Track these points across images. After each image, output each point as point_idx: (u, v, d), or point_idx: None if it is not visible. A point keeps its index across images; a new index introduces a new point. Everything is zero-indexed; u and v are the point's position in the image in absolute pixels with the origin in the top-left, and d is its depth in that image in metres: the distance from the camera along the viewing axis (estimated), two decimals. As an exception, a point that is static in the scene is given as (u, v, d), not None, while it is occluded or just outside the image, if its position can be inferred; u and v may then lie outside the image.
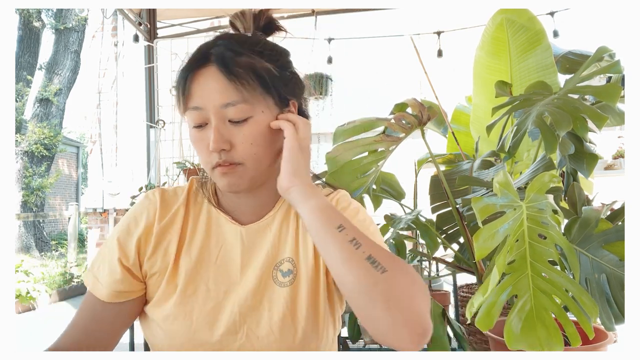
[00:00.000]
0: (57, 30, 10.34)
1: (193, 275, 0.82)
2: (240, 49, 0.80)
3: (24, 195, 9.41)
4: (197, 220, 0.87)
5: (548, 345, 0.91)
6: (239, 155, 0.78)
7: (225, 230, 0.85)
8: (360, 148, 1.61)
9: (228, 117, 0.77)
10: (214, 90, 0.77)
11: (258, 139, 0.79)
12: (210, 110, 0.77)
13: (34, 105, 10.10)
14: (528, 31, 1.99)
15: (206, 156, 0.79)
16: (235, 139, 0.78)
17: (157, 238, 0.84)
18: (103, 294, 0.81)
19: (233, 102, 0.77)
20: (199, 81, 0.78)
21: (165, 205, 0.86)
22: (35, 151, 9.50)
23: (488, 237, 0.98)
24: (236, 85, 0.77)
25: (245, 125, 0.78)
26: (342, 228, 0.71)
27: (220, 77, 0.77)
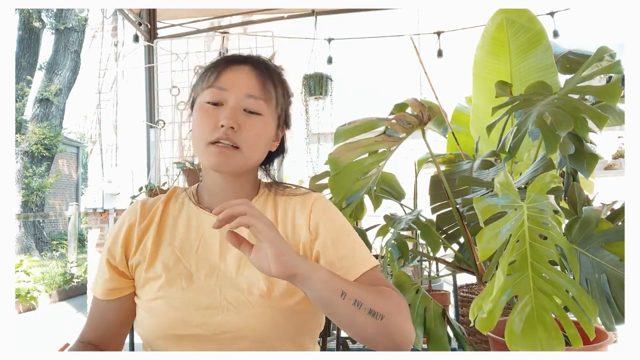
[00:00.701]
0: (57, 30, 10.34)
1: (175, 263, 0.91)
2: (272, 66, 0.97)
3: (24, 195, 9.41)
4: (177, 217, 0.97)
5: (549, 346, 0.91)
6: (242, 138, 0.88)
7: (205, 224, 0.94)
8: (362, 149, 1.61)
9: (245, 105, 0.89)
10: (245, 81, 0.90)
11: (261, 133, 0.91)
12: (233, 93, 0.89)
13: (34, 106, 10.10)
14: (528, 31, 1.98)
15: (210, 131, 0.87)
16: (244, 124, 0.88)
17: (139, 237, 0.95)
18: (99, 292, 0.94)
19: (256, 95, 0.90)
20: (231, 71, 0.91)
21: (144, 210, 0.97)
22: (35, 151, 9.51)
23: (491, 238, 0.98)
24: (263, 85, 0.91)
25: (255, 118, 0.90)
26: (344, 294, 0.77)
27: (253, 74, 0.91)
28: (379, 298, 0.81)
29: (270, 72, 0.94)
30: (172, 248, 0.92)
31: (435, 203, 1.90)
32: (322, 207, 0.95)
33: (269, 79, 0.92)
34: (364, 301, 0.78)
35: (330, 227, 0.93)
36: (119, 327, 0.95)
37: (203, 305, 0.86)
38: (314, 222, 0.93)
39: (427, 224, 1.74)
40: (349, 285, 0.79)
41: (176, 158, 3.32)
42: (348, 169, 1.62)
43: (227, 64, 0.92)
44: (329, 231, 0.92)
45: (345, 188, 1.65)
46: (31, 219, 8.99)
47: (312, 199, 0.96)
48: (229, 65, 0.91)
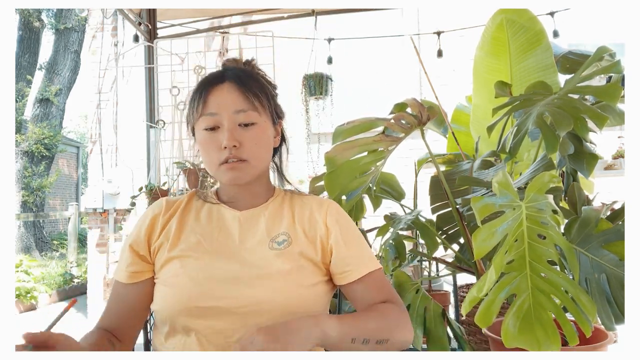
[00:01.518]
0: (57, 30, 10.34)
1: (197, 246, 0.98)
2: (248, 72, 1.03)
3: (24, 195, 9.41)
4: (199, 212, 1.05)
5: (545, 343, 0.91)
6: (246, 152, 0.97)
7: (225, 216, 1.04)
8: (359, 148, 1.61)
9: (239, 121, 0.97)
10: (229, 100, 0.98)
11: (261, 141, 0.99)
12: (224, 115, 0.97)
13: (34, 105, 10.10)
14: (528, 31, 1.98)
15: (216, 154, 0.97)
16: (244, 139, 0.97)
17: (163, 224, 1.02)
18: (122, 276, 1.00)
19: (244, 109, 0.98)
20: (215, 93, 0.99)
21: (169, 203, 1.06)
22: (35, 151, 9.51)
23: (487, 237, 0.98)
24: (247, 96, 0.98)
25: (251, 129, 0.98)
26: (354, 340, 0.87)
27: (234, 89, 0.98)
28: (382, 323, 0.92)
29: (249, 79, 1.01)
30: (194, 233, 1.00)
31: (435, 203, 1.90)
32: (336, 210, 1.05)
33: (250, 88, 0.99)
34: (370, 336, 0.89)
35: (343, 227, 1.02)
36: (139, 312, 1.01)
37: (224, 279, 0.93)
38: (329, 220, 1.02)
39: (426, 224, 1.74)
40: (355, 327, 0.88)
41: (176, 158, 3.32)
42: (344, 167, 1.61)
43: (207, 88, 0.99)
44: (341, 230, 1.02)
45: (341, 186, 1.64)
46: (31, 219, 8.99)
47: (327, 203, 1.06)
48: (210, 89, 0.99)
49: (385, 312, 0.94)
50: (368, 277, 0.99)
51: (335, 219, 1.03)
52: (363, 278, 0.99)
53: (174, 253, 0.98)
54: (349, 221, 1.06)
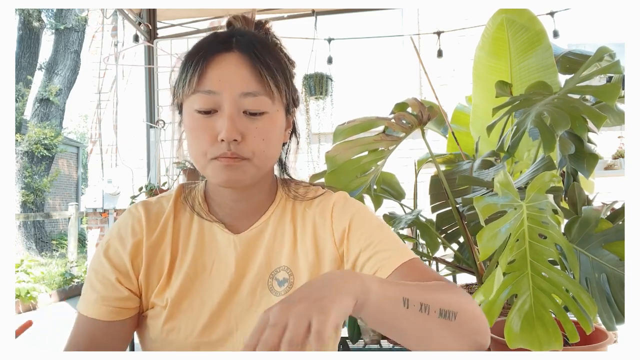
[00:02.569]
0: (57, 30, 10.34)
1: (188, 288, 0.79)
2: (262, 43, 0.77)
3: (24, 195, 9.41)
4: (188, 230, 0.83)
5: (547, 343, 0.91)
6: (248, 148, 0.73)
7: (218, 240, 0.82)
8: (360, 147, 1.61)
9: (245, 107, 0.73)
10: (236, 77, 0.73)
11: (269, 136, 0.75)
12: (226, 97, 0.72)
13: (34, 105, 10.10)
14: (528, 31, 1.98)
15: (207, 145, 0.73)
16: (248, 131, 0.73)
17: (149, 255, 0.80)
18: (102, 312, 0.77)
19: (254, 92, 0.73)
20: (218, 64, 0.73)
21: (151, 219, 0.82)
22: (35, 151, 9.50)
23: (491, 237, 0.98)
24: (261, 75, 0.73)
25: (260, 119, 0.74)
26: (407, 302, 0.61)
27: (244, 64, 0.73)
28: (443, 293, 0.67)
29: (264, 50, 0.75)
30: (182, 270, 0.80)
31: (435, 203, 1.90)
32: (343, 208, 0.83)
33: (266, 64, 0.74)
34: (430, 302, 0.63)
35: (358, 225, 0.81)
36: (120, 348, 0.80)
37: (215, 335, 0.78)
38: (338, 229, 0.82)
39: (426, 223, 1.74)
40: (407, 288, 0.64)
41: (176, 158, 3.32)
42: (345, 167, 1.62)
43: (208, 55, 0.73)
44: (357, 231, 0.81)
45: (342, 185, 1.65)
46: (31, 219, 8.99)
47: (331, 202, 0.84)
48: (211, 57, 0.73)
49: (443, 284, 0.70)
50: (404, 268, 0.76)
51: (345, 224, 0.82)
52: (397, 270, 0.75)
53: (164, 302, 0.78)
54: (362, 214, 0.83)
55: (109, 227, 5.68)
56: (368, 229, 0.81)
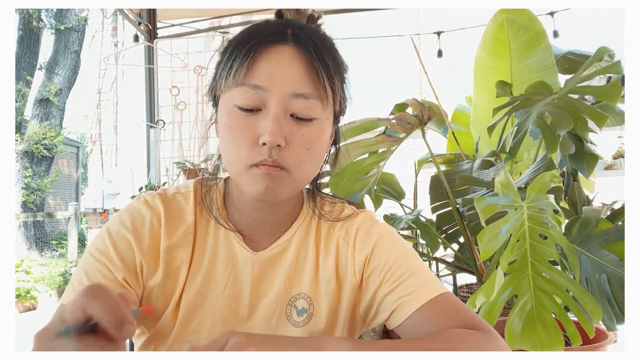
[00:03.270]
0: (57, 30, 10.34)
1: (198, 306, 0.71)
2: (321, 36, 0.69)
3: (24, 195, 9.41)
4: (205, 237, 0.73)
5: (549, 344, 0.91)
6: (290, 157, 0.64)
7: (236, 254, 0.73)
8: (363, 149, 1.62)
9: (293, 110, 0.64)
10: (288, 73, 0.64)
11: (314, 146, 0.67)
12: (275, 95, 0.63)
13: (34, 105, 10.10)
14: (528, 31, 1.99)
15: (247, 149, 0.64)
16: (292, 138, 0.64)
17: (166, 262, 0.70)
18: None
19: (306, 94, 0.64)
20: (270, 58, 0.64)
21: (171, 216, 0.72)
22: (35, 151, 9.50)
23: (492, 238, 0.98)
24: (317, 75, 0.64)
25: (307, 126, 0.65)
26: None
27: (299, 61, 0.65)
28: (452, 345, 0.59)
29: (324, 47, 0.67)
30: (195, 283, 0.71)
31: (435, 203, 1.90)
32: (367, 233, 0.75)
33: (324, 62, 0.65)
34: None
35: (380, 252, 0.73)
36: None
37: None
38: (359, 256, 0.73)
39: (426, 224, 1.74)
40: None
41: (176, 158, 3.32)
42: (348, 169, 1.62)
43: (259, 46, 0.64)
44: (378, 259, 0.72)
45: (346, 188, 1.65)
46: (31, 219, 8.99)
47: (355, 226, 0.76)
48: (264, 49, 0.64)
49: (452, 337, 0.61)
50: (430, 306, 0.67)
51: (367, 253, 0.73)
52: (422, 308, 0.67)
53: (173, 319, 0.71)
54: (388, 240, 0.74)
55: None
56: (391, 257, 0.72)
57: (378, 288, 0.71)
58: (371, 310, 0.73)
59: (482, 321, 0.67)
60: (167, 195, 0.75)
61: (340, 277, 0.74)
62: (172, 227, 0.72)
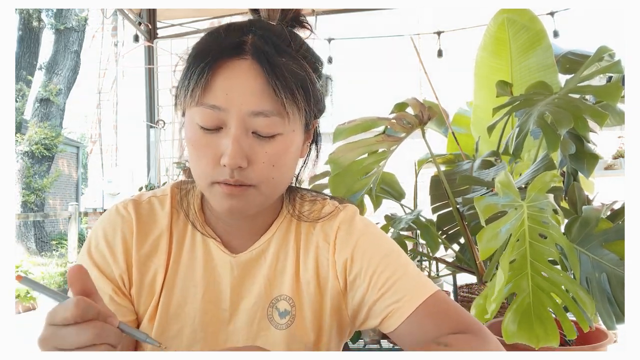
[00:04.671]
0: (57, 30, 10.35)
1: (177, 312, 0.70)
2: (283, 46, 0.63)
3: (24, 195, 9.41)
4: (181, 242, 0.72)
5: (545, 339, 0.91)
6: (255, 176, 0.63)
7: (214, 257, 0.72)
8: (363, 149, 1.61)
9: (254, 128, 0.62)
10: (247, 92, 0.61)
11: (281, 161, 0.65)
12: (234, 114, 0.61)
13: (34, 105, 10.11)
14: (529, 31, 1.99)
15: (209, 168, 0.63)
16: (256, 156, 0.63)
17: (140, 271, 0.70)
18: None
19: (266, 111, 0.61)
20: (227, 74, 0.61)
21: (143, 225, 0.71)
22: (36, 151, 9.51)
23: (491, 237, 0.98)
24: (276, 91, 0.61)
25: (271, 142, 0.63)
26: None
27: (257, 76, 0.61)
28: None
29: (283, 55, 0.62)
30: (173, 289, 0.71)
31: (436, 203, 1.90)
32: (347, 232, 0.73)
33: (281, 78, 0.61)
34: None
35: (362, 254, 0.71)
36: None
37: None
38: (340, 259, 0.72)
39: (427, 224, 1.74)
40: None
41: (176, 158, 3.32)
42: (349, 169, 1.62)
43: (216, 63, 0.61)
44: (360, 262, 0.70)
45: (346, 188, 1.65)
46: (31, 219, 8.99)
47: (335, 225, 0.74)
48: (221, 64, 0.61)
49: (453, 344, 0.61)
50: (421, 310, 0.66)
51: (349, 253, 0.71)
52: (414, 313, 0.66)
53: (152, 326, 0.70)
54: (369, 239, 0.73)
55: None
56: (374, 259, 0.70)
57: (365, 294, 0.70)
58: (360, 314, 0.72)
59: (473, 321, 0.67)
60: (141, 200, 0.74)
61: (320, 279, 0.73)
62: (145, 233, 0.71)
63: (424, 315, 0.66)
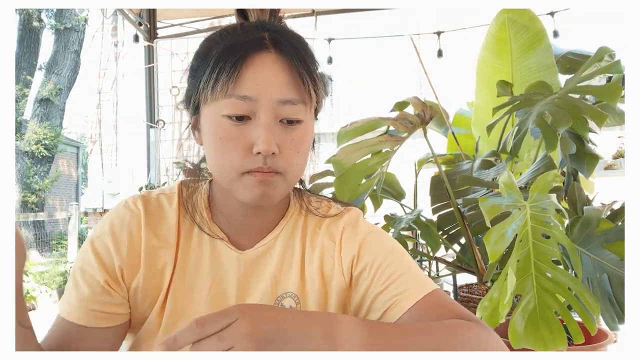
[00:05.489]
0: (57, 30, 10.34)
1: (184, 306, 0.71)
2: (295, 42, 0.69)
3: (24, 195, 9.41)
4: (189, 238, 0.74)
5: (552, 343, 0.91)
6: (282, 163, 0.66)
7: (221, 254, 0.74)
8: (365, 150, 1.61)
9: (281, 116, 0.66)
10: (275, 83, 0.65)
11: (303, 148, 0.69)
12: (263, 103, 0.65)
13: (34, 105, 10.10)
14: (529, 31, 1.99)
15: (240, 158, 0.65)
16: (284, 143, 0.66)
17: (148, 258, 0.71)
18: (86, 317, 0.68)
19: (294, 99, 0.66)
20: (255, 67, 0.65)
21: (152, 217, 0.73)
22: (36, 151, 9.50)
23: (498, 239, 0.98)
24: (302, 81, 0.66)
25: (295, 130, 0.67)
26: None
27: (284, 68, 0.66)
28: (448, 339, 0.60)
29: (303, 52, 0.68)
30: (181, 284, 0.72)
31: (437, 203, 1.90)
32: (352, 232, 0.75)
33: (307, 67, 0.67)
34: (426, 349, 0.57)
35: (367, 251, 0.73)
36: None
37: None
38: (347, 257, 0.74)
39: (427, 224, 1.74)
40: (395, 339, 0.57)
41: (176, 158, 3.32)
42: (352, 171, 1.61)
43: (245, 56, 0.65)
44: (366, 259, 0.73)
45: (351, 190, 1.64)
46: (31, 219, 8.99)
47: (340, 226, 0.76)
48: (249, 58, 0.65)
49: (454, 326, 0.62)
50: (422, 303, 0.68)
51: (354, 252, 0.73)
52: (416, 305, 0.68)
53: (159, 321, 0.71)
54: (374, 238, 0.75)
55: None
56: (379, 256, 0.72)
57: (369, 287, 0.72)
58: (362, 309, 0.73)
59: (472, 315, 0.68)
60: (150, 196, 0.76)
61: (325, 276, 0.75)
62: (153, 227, 0.73)
63: (425, 307, 0.68)
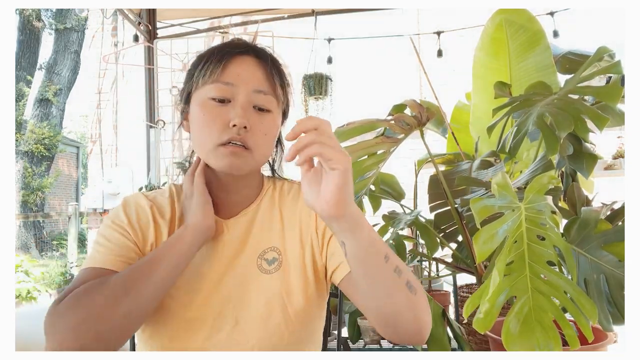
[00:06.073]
0: (57, 30, 10.35)
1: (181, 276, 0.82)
2: (271, 54, 0.90)
3: (24, 195, 9.41)
4: (181, 218, 0.89)
5: (546, 346, 0.91)
6: (252, 140, 0.82)
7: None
8: (362, 151, 1.61)
9: (255, 102, 0.83)
10: (252, 75, 0.84)
11: (270, 132, 0.86)
12: (241, 89, 0.83)
13: (34, 105, 10.11)
14: (527, 31, 1.98)
15: (218, 131, 0.81)
16: (255, 125, 0.82)
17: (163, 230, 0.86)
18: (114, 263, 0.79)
19: (265, 90, 0.84)
20: (237, 63, 0.84)
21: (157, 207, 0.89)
22: (35, 151, 9.51)
23: (487, 239, 0.98)
24: (272, 79, 0.86)
25: (265, 116, 0.85)
26: (387, 258, 0.71)
27: (259, 66, 0.85)
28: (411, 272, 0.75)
29: (274, 62, 0.89)
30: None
31: (434, 202, 1.90)
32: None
33: (275, 72, 0.87)
34: (403, 271, 0.72)
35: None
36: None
37: (210, 319, 0.82)
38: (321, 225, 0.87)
39: (426, 224, 1.74)
40: (390, 250, 0.72)
41: (176, 158, 3.33)
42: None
43: (229, 55, 0.84)
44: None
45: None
46: (31, 219, 8.99)
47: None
48: (234, 57, 0.84)
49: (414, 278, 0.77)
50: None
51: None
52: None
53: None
54: None
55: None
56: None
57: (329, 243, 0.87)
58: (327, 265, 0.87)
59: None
60: (147, 195, 0.91)
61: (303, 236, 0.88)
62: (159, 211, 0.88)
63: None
